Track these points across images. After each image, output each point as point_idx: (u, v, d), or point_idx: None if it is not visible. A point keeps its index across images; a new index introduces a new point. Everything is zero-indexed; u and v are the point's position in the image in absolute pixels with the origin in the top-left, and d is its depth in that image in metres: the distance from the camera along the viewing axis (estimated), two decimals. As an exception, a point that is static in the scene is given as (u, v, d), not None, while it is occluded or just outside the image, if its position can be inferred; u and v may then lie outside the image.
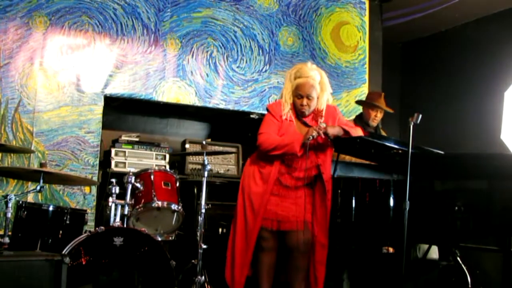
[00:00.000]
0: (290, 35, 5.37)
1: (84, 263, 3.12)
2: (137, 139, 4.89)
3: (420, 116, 3.16)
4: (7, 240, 3.25)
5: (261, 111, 5.09)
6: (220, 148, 5.11)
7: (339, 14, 5.63)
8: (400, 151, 3.52)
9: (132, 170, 3.88)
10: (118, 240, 3.24)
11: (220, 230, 4.62)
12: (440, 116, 6.09)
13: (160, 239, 3.81)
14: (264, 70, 5.23)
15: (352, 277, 4.04)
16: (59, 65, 4.46)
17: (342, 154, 3.95)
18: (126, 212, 3.59)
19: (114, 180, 3.66)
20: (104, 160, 4.80)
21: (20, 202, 3.52)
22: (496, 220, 3.31)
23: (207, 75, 4.98)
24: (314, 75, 3.48)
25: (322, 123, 3.43)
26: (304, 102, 3.47)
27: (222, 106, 5.05)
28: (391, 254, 4.21)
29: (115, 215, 3.58)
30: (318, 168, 3.50)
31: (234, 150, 5.22)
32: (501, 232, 3.39)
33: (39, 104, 4.37)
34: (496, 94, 5.67)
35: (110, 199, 3.59)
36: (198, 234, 3.70)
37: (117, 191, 3.61)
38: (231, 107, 5.08)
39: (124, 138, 4.84)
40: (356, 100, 5.35)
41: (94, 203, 4.48)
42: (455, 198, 3.37)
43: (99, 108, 4.58)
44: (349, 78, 5.59)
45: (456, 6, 5.62)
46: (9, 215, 3.34)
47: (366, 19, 5.76)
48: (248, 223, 3.49)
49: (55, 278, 2.77)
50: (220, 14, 5.07)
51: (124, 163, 4.74)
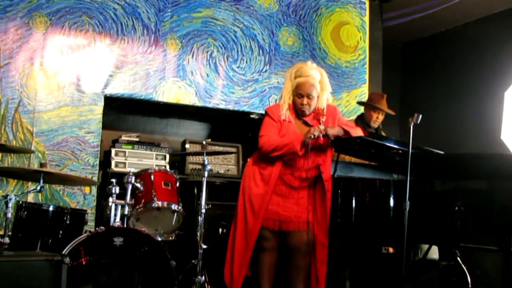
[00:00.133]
0: (290, 35, 5.37)
1: (84, 263, 3.12)
2: (137, 139, 4.89)
3: (420, 116, 3.16)
4: (7, 240, 3.25)
5: (261, 111, 5.09)
6: (220, 148, 5.11)
7: (339, 14, 5.63)
8: (400, 151, 3.52)
9: (132, 170, 3.88)
10: (118, 240, 3.24)
11: (220, 230, 4.62)
12: (440, 116, 6.08)
13: (160, 239, 3.81)
14: (264, 70, 5.23)
15: (353, 277, 4.04)
16: (59, 65, 4.46)
17: (342, 154, 3.95)
18: (126, 212, 3.59)
19: (114, 180, 3.66)
20: (104, 160, 4.80)
21: (20, 202, 3.52)
22: (496, 220, 3.31)
23: (207, 75, 4.98)
24: (315, 74, 3.47)
25: (321, 124, 3.43)
26: (305, 101, 3.47)
27: (222, 106, 5.05)
28: (391, 254, 4.21)
29: (115, 215, 3.58)
30: (319, 168, 3.50)
31: (234, 150, 5.22)
32: (501, 232, 3.39)
33: (39, 104, 4.37)
34: (496, 94, 5.66)
35: (110, 199, 3.59)
36: (198, 234, 3.70)
37: (117, 191, 3.61)
38: (231, 107, 5.08)
39: (124, 138, 4.84)
40: (357, 101, 5.36)
41: (94, 203, 4.48)
42: (455, 198, 3.37)
43: (99, 108, 4.58)
44: (349, 78, 5.59)
45: (456, 6, 5.62)
46: (9, 215, 3.33)
47: (366, 19, 5.76)
48: (248, 224, 3.48)
49: (55, 278, 2.77)
50: (220, 14, 5.07)
51: (124, 163, 4.74)
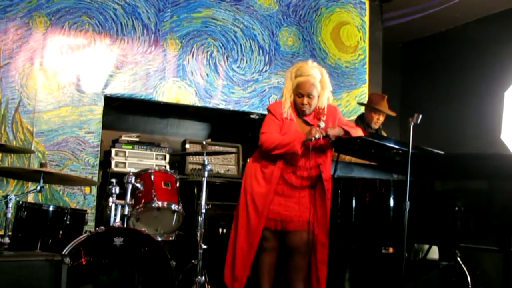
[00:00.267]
0: (290, 35, 5.37)
1: (84, 263, 3.12)
2: (137, 139, 4.89)
3: (420, 116, 3.16)
4: (7, 240, 3.25)
5: (261, 111, 5.09)
6: (220, 148, 5.11)
7: (339, 14, 5.63)
8: (400, 151, 3.52)
9: (132, 170, 3.88)
10: (118, 240, 3.24)
11: (220, 230, 4.62)
12: (440, 116, 6.08)
13: (160, 239, 3.80)
14: (264, 70, 5.23)
15: (353, 277, 4.04)
16: (59, 65, 4.46)
17: (342, 154, 3.95)
18: (126, 212, 3.59)
19: (114, 180, 3.66)
20: (104, 160, 4.80)
21: (20, 202, 3.52)
22: (496, 220, 3.31)
23: (207, 75, 4.98)
24: (315, 74, 3.47)
25: (322, 122, 3.42)
26: (305, 100, 3.47)
27: (222, 106, 5.04)
28: (391, 254, 4.21)
29: (115, 215, 3.57)
30: (319, 168, 3.50)
31: (234, 150, 5.21)
32: (501, 232, 3.39)
33: (39, 104, 4.37)
34: (496, 94, 5.66)
35: (110, 199, 3.59)
36: (198, 234, 3.70)
37: (117, 191, 3.61)
38: (231, 107, 5.08)
39: (124, 138, 4.84)
40: (358, 101, 5.36)
41: (94, 203, 4.48)
42: (455, 198, 3.37)
43: (99, 108, 4.57)
44: (349, 78, 5.59)
45: (456, 6, 5.62)
46: (9, 215, 3.33)
47: (366, 19, 5.76)
48: (251, 223, 3.47)
49: (55, 278, 2.77)
50: (220, 14, 5.07)
51: (124, 163, 4.74)
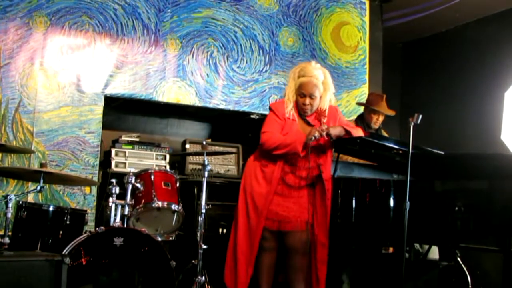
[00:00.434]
0: (290, 36, 5.36)
1: (84, 263, 3.12)
2: (137, 139, 4.89)
3: (420, 116, 3.16)
4: (7, 240, 3.25)
5: (261, 111, 5.10)
6: (220, 149, 5.11)
7: (340, 14, 5.62)
8: (400, 151, 3.52)
9: (132, 170, 3.88)
10: (118, 240, 3.24)
11: (220, 231, 4.62)
12: (440, 116, 6.08)
13: (160, 239, 3.80)
14: (264, 70, 5.23)
15: (353, 277, 4.04)
16: (59, 65, 4.45)
17: (342, 154, 3.95)
18: (126, 212, 3.59)
19: (114, 180, 3.66)
20: (104, 160, 4.80)
21: (20, 202, 3.52)
22: (496, 220, 3.31)
23: (207, 75, 4.98)
24: (318, 75, 3.48)
25: (323, 124, 3.43)
26: (307, 101, 3.47)
27: (222, 106, 5.04)
28: (391, 254, 4.21)
29: (115, 215, 3.57)
30: (319, 168, 3.50)
31: (234, 150, 5.21)
32: (501, 232, 3.38)
33: (40, 104, 4.36)
34: (496, 94, 5.66)
35: (110, 199, 3.59)
36: (198, 234, 3.70)
37: (117, 191, 3.61)
38: (231, 107, 5.08)
39: (124, 138, 4.84)
40: (357, 102, 5.35)
41: (94, 203, 4.48)
42: (455, 198, 3.37)
43: (99, 108, 4.57)
44: (349, 78, 5.59)
45: (456, 6, 5.62)
46: (9, 215, 3.33)
47: (367, 19, 5.76)
48: (251, 223, 3.48)
49: (55, 278, 2.77)
50: (220, 15, 5.07)
51: (124, 163, 4.73)
